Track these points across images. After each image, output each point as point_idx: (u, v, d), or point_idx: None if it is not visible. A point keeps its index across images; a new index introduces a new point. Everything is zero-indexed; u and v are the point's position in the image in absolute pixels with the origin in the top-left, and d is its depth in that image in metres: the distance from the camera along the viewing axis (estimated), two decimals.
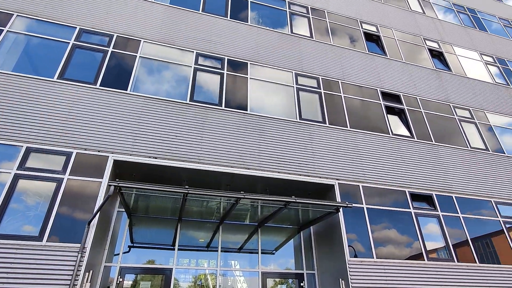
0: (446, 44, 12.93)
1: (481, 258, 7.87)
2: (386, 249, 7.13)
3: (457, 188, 8.71)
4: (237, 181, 7.32)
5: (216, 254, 7.40)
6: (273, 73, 8.98)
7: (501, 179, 9.45)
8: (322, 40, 10.47)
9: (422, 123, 9.75)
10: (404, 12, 13.30)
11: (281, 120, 8.08)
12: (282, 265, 7.88)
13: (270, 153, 7.45)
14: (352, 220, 7.20)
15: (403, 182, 8.20)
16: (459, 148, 9.63)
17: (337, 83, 9.53)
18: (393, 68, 10.85)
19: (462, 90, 11.45)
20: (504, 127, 11.10)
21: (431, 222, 7.93)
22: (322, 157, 7.85)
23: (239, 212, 7.10)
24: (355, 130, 8.68)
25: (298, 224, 8.04)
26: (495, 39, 14.59)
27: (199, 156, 6.86)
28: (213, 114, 7.56)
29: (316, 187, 7.62)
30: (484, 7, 16.21)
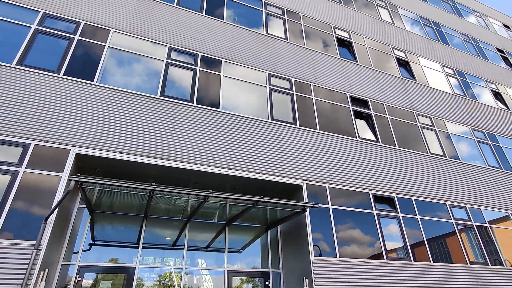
0: (412, 54, 13.60)
1: (436, 257, 8.38)
2: (349, 249, 7.39)
3: (417, 191, 9.20)
4: (206, 179, 7.26)
5: (182, 253, 7.28)
6: (247, 72, 8.99)
7: (455, 184, 10.10)
8: (296, 43, 10.63)
9: (387, 128, 10.20)
10: (375, 21, 13.82)
11: (253, 120, 8.10)
12: (249, 263, 7.92)
13: (241, 152, 7.46)
14: (318, 220, 7.39)
15: (368, 184, 8.53)
16: (420, 153, 10.18)
17: (309, 86, 9.72)
18: (363, 74, 11.25)
19: (424, 98, 12.11)
20: (460, 135, 11.88)
21: (392, 223, 8.31)
22: (291, 158, 7.98)
23: (207, 210, 7.04)
24: (324, 132, 8.90)
25: (266, 223, 8.11)
26: (456, 53, 15.57)
27: (168, 152, 6.71)
28: (184, 111, 7.43)
29: (284, 187, 7.73)
30: (448, 22, 17.24)
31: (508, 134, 13.34)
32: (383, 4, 15.02)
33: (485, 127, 12.86)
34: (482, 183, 10.71)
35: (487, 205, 10.20)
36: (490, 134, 12.76)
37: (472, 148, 11.82)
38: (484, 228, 9.64)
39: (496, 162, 11.84)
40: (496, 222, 10.15)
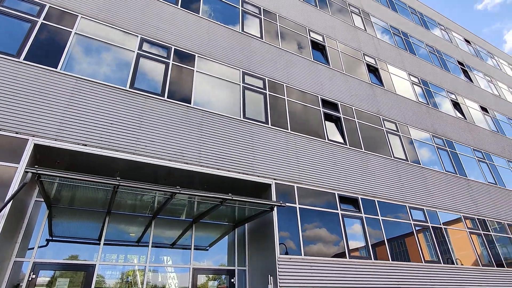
0: (381, 62, 14.16)
1: (396, 256, 8.81)
2: (315, 247, 7.58)
3: (380, 193, 9.61)
4: (175, 176, 7.13)
5: (147, 250, 7.12)
6: (221, 69, 8.92)
7: (415, 187, 10.67)
8: (271, 43, 10.70)
9: (355, 131, 10.56)
10: (348, 27, 14.23)
11: (224, 117, 8.06)
12: (216, 261, 7.90)
13: (211, 149, 7.40)
14: (286, 218, 7.51)
15: (334, 185, 8.79)
16: (384, 157, 10.64)
17: (282, 86, 9.83)
18: (334, 78, 11.55)
19: (391, 104, 12.67)
20: (422, 141, 12.56)
21: (355, 223, 8.63)
22: (262, 157, 8.03)
23: (174, 207, 6.92)
24: (295, 133, 9.05)
25: (234, 221, 8.12)
26: (421, 63, 16.42)
27: (135, 147, 6.52)
28: (154, 104, 7.24)
29: (254, 185, 7.78)
30: (415, 33, 18.12)
31: (464, 141, 14.29)
32: (356, 11, 15.50)
33: (444, 134, 13.69)
34: (439, 187, 11.40)
35: (442, 208, 10.88)
36: (448, 141, 13.61)
37: (432, 153, 12.54)
38: (439, 229, 10.27)
39: (452, 168, 12.65)
40: (449, 223, 10.85)
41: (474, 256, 10.63)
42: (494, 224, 12.14)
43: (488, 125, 16.85)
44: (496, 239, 11.67)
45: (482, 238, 11.26)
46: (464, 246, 10.71)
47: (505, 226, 12.43)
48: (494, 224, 12.17)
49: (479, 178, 13.27)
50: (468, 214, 11.51)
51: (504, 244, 11.90)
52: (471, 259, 10.52)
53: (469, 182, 12.69)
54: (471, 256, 10.61)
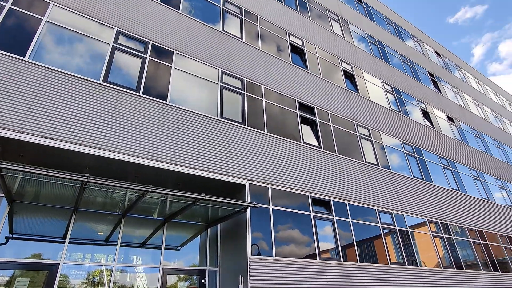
0: (357, 68, 14.58)
1: (365, 258, 9.09)
2: (286, 248, 7.67)
3: (351, 196, 9.88)
4: (147, 174, 6.97)
5: (115, 249, 6.91)
6: (199, 67, 8.83)
7: (384, 191, 11.07)
8: (251, 44, 10.72)
9: (329, 135, 10.80)
10: (327, 32, 14.54)
11: (201, 116, 7.99)
12: (188, 261, 7.80)
13: (186, 148, 7.30)
14: (259, 219, 7.54)
15: (308, 187, 8.94)
16: (356, 161, 10.95)
17: (261, 88, 9.88)
18: (312, 82, 11.76)
19: (365, 110, 13.06)
20: (393, 147, 13.05)
21: (327, 225, 8.82)
22: (237, 157, 8.03)
23: (145, 205, 6.77)
24: (271, 134, 9.12)
25: (207, 221, 8.06)
26: (395, 71, 17.06)
27: (107, 142, 6.31)
28: (128, 99, 7.05)
29: (228, 185, 7.76)
30: (390, 42, 18.81)
31: (431, 149, 14.99)
32: (335, 18, 15.86)
33: (414, 142, 14.29)
34: (406, 192, 11.89)
35: (409, 212, 11.35)
36: (417, 148, 14.22)
37: (401, 159, 13.05)
38: (405, 232, 10.70)
39: (420, 174, 13.23)
40: (415, 227, 11.33)
41: (436, 258, 11.17)
42: (456, 228, 12.81)
43: (454, 134, 17.78)
44: (457, 243, 12.32)
45: (445, 241, 11.86)
46: (428, 249, 11.23)
47: (466, 230, 13.15)
48: (456, 228, 12.85)
49: (443, 184, 13.97)
50: (433, 218, 12.08)
51: (463, 247, 12.59)
52: (434, 261, 11.04)
53: (435, 188, 13.32)
54: (434, 258, 11.14)
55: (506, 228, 15.43)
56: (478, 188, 16.06)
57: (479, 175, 16.89)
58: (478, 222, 14.07)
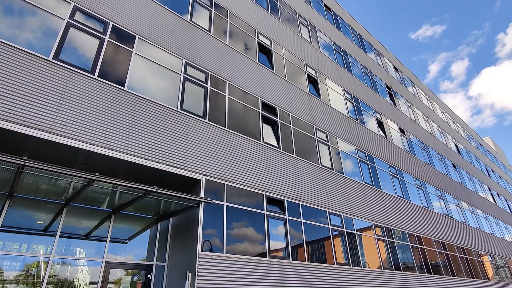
0: (321, 74, 15.02)
1: (315, 258, 9.39)
2: (238, 246, 7.68)
3: (305, 197, 10.15)
4: (97, 161, 6.59)
5: (56, 240, 6.45)
6: (162, 55, 8.53)
7: (336, 194, 11.52)
8: (219, 38, 10.58)
9: (289, 137, 11.00)
10: (295, 36, 14.79)
11: (160, 106, 7.72)
12: (136, 255, 7.51)
13: (141, 138, 7.01)
14: (212, 215, 7.47)
15: (264, 186, 9.02)
16: (312, 164, 11.28)
17: (225, 83, 9.78)
18: (276, 83, 11.89)
19: (324, 116, 13.50)
20: (347, 153, 13.63)
21: (280, 224, 8.97)
22: (195, 151, 7.88)
23: (92, 195, 6.40)
24: (232, 131, 9.07)
25: (158, 214, 7.81)
26: (356, 81, 17.84)
27: (52, 125, 5.85)
28: (81, 81, 6.60)
29: (183, 179, 7.58)
30: (354, 53, 19.63)
31: (382, 157, 15.89)
32: (305, 22, 16.20)
33: (367, 149, 15.05)
34: (356, 196, 12.49)
35: (357, 215, 11.93)
36: (370, 155, 15.00)
37: (355, 165, 13.68)
38: (353, 234, 11.24)
39: (370, 180, 13.97)
40: (362, 230, 11.94)
41: (379, 260, 11.87)
42: (398, 233, 13.72)
43: (404, 145, 19.02)
44: (398, 246, 13.20)
45: (387, 245, 12.64)
46: (372, 251, 11.90)
47: (407, 235, 14.13)
48: (399, 232, 13.77)
49: (390, 191, 14.88)
50: (379, 222, 12.81)
51: (404, 251, 13.53)
52: (377, 263, 11.72)
53: (382, 194, 14.15)
54: (376, 260, 11.83)
55: (441, 234, 16.85)
56: (420, 196, 17.35)
57: (422, 185, 18.25)
58: (418, 228, 15.20)
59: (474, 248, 19.51)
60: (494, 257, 21.68)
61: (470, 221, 21.49)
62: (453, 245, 17.41)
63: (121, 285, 6.99)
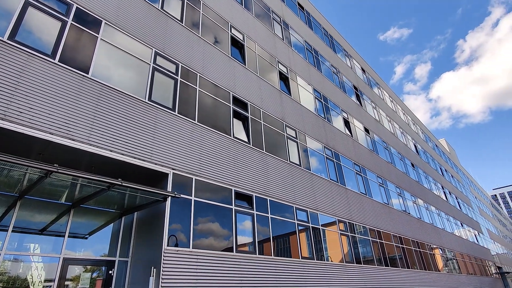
0: (292, 72, 15.20)
1: (281, 252, 9.55)
2: (205, 241, 7.61)
3: (273, 192, 10.27)
4: (56, 152, 6.19)
5: (8, 234, 6.01)
6: (131, 43, 8.17)
7: (303, 190, 11.79)
8: (191, 29, 10.33)
9: (259, 132, 11.05)
10: (268, 32, 14.82)
11: (127, 96, 7.40)
12: (97, 251, 7.19)
13: (106, 128, 6.69)
14: (179, 210, 7.33)
15: (232, 181, 9.00)
16: (281, 160, 11.43)
17: (196, 76, 9.59)
18: (248, 78, 11.87)
19: (294, 113, 13.70)
20: (315, 150, 13.97)
21: (247, 219, 9.01)
22: (163, 144, 7.66)
23: (49, 187, 6.02)
24: (201, 125, 8.93)
25: (122, 208, 7.53)
26: (325, 80, 18.27)
27: (6, 111, 5.41)
28: (39, 65, 6.15)
29: (149, 173, 7.36)
30: (324, 53, 20.07)
31: (347, 155, 16.47)
32: (278, 19, 16.27)
33: (334, 147, 15.52)
34: (322, 192, 12.85)
35: (323, 211, 12.30)
36: (336, 153, 15.48)
37: (321, 162, 14.06)
38: (317, 229, 11.57)
39: (336, 177, 14.44)
40: (327, 225, 12.33)
41: (341, 254, 12.34)
42: (360, 228, 14.34)
43: (368, 144, 19.84)
44: (359, 241, 13.79)
45: (350, 239, 13.16)
46: (335, 246, 12.33)
47: (368, 230, 14.81)
48: (360, 228, 14.38)
49: (354, 188, 15.49)
50: (342, 218, 13.30)
51: (364, 245, 14.17)
52: (339, 257, 12.18)
53: (347, 191, 14.68)
54: (339, 254, 12.28)
55: (398, 229, 17.85)
56: (381, 193, 18.23)
57: (383, 182, 19.17)
58: (378, 223, 15.98)
59: (427, 242, 20.89)
60: (444, 250, 23.38)
61: (424, 217, 22.97)
62: (409, 239, 18.52)
63: (80, 282, 6.67)
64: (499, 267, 37.25)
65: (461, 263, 25.55)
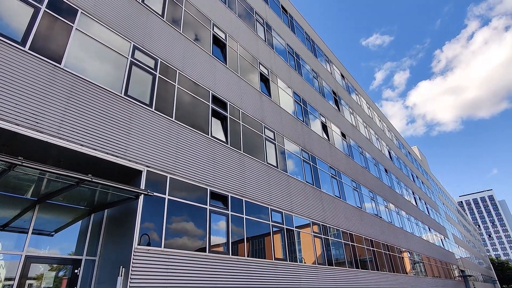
0: (273, 74, 15.29)
1: (255, 253, 9.55)
2: (177, 241, 7.48)
3: (249, 193, 10.27)
4: (22, 144, 5.90)
5: None
6: (108, 35, 7.92)
7: (279, 192, 11.86)
8: (172, 24, 10.16)
9: (237, 133, 11.02)
10: (251, 33, 14.83)
11: (102, 89, 7.16)
12: (63, 249, 6.90)
13: (77, 122, 6.44)
14: (152, 208, 7.18)
15: (208, 181, 8.92)
16: (258, 161, 11.45)
17: (175, 73, 9.44)
18: (229, 78, 11.81)
19: (273, 115, 13.78)
20: (292, 153, 14.11)
21: (222, 219, 8.95)
22: (138, 141, 7.48)
23: (14, 181, 5.73)
24: (179, 122, 8.79)
25: (91, 205, 7.27)
26: (305, 84, 18.50)
27: None
28: (6, 51, 5.83)
29: (122, 169, 7.15)
30: (306, 57, 20.33)
31: (324, 159, 16.75)
32: (261, 21, 16.32)
33: (311, 150, 15.73)
34: (297, 195, 13.00)
35: (297, 213, 12.43)
36: (313, 156, 15.71)
37: (298, 165, 14.22)
38: (292, 231, 11.67)
39: (311, 179, 14.64)
40: (301, 227, 12.47)
41: (314, 256, 12.51)
42: (333, 231, 14.61)
43: (344, 148, 20.27)
44: (332, 243, 14.05)
45: (323, 242, 13.38)
46: (309, 247, 12.49)
47: (341, 232, 15.11)
48: (334, 230, 14.65)
49: (329, 191, 15.77)
50: (316, 220, 13.50)
51: (337, 247, 14.45)
52: (312, 259, 12.34)
53: (321, 194, 14.92)
54: (312, 256, 12.45)
55: (370, 232, 18.34)
56: (355, 197, 18.67)
57: (357, 186, 19.65)
58: (351, 226, 16.35)
59: (396, 245, 21.60)
60: (412, 253, 24.26)
61: (395, 221, 23.74)
62: (380, 243, 19.08)
63: (43, 281, 6.38)
64: (462, 270, 39.11)
65: (427, 266, 26.61)
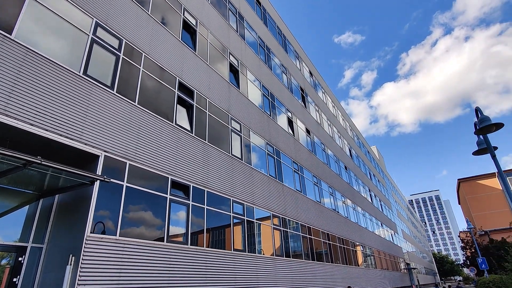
0: (243, 66, 15.18)
1: (215, 244, 9.52)
2: (134, 230, 7.25)
3: (211, 184, 10.19)
4: None
5: None
6: (67, 8, 7.35)
7: (242, 184, 11.91)
8: (140, 5, 9.67)
9: (203, 122, 10.84)
10: (223, 22, 14.56)
11: (57, 66, 6.66)
12: (7, 236, 6.39)
13: (28, 99, 5.95)
14: (108, 195, 6.87)
15: (170, 169, 8.71)
16: (223, 152, 11.38)
17: (141, 55, 9.03)
18: (197, 65, 11.54)
19: (241, 107, 13.73)
20: (257, 145, 14.18)
21: (182, 209, 8.80)
22: (96, 123, 7.08)
23: None
24: (142, 108, 8.45)
25: (41, 190, 6.80)
26: (274, 78, 18.61)
27: None
28: None
29: (78, 153, 6.74)
30: (276, 51, 20.41)
31: (288, 153, 17.05)
32: (234, 10, 16.07)
33: (276, 144, 15.93)
34: (260, 187, 13.13)
35: (259, 205, 12.57)
36: (277, 150, 15.92)
37: (262, 158, 14.34)
38: (252, 223, 11.80)
39: (274, 173, 14.86)
40: (262, 219, 12.65)
41: (273, 248, 12.77)
42: (293, 224, 14.98)
43: (307, 144, 20.77)
44: (291, 236, 14.42)
45: (282, 234, 13.68)
46: (268, 239, 12.72)
47: (300, 226, 15.55)
48: (293, 223, 15.03)
49: (291, 185, 16.11)
50: (277, 213, 13.75)
51: (295, 240, 14.86)
52: (271, 250, 12.59)
53: (283, 187, 15.21)
54: (271, 247, 12.70)
55: (327, 226, 19.08)
56: (315, 192, 19.27)
57: (318, 182, 20.28)
58: (310, 220, 16.88)
59: (351, 239, 22.70)
60: (365, 247, 25.65)
61: (351, 216, 24.90)
62: (336, 236, 19.93)
63: None
64: (407, 263, 42.13)
65: (377, 259, 28.31)
